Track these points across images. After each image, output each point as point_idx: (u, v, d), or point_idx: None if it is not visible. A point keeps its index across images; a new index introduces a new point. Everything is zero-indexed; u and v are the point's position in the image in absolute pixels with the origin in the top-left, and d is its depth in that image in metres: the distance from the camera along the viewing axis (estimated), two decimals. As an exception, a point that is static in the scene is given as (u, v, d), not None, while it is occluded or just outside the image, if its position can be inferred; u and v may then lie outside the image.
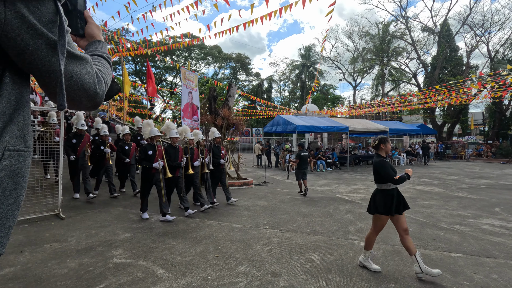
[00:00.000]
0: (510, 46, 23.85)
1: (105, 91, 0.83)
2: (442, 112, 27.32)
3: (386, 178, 3.37)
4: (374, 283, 3.09)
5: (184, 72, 9.78)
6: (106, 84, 0.85)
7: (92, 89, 0.76)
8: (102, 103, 0.88)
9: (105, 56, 0.92)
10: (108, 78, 0.87)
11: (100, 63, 0.88)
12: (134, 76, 35.03)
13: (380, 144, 3.59)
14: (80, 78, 0.72)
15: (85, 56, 0.76)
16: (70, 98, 0.73)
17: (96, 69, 0.81)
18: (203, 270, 3.37)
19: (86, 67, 0.75)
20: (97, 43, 0.94)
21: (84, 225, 5.03)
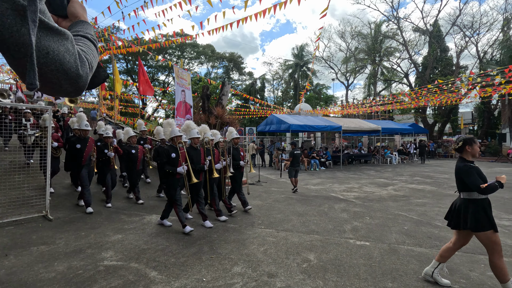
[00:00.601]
0: (498, 47, 24.35)
1: (89, 75, 0.73)
2: (433, 111, 27.73)
3: (471, 187, 2.88)
4: (371, 283, 3.05)
5: (177, 70, 9.63)
6: (91, 67, 0.75)
7: (73, 70, 0.66)
8: (85, 89, 0.77)
9: (90, 37, 0.82)
10: (94, 61, 0.77)
11: (84, 44, 0.78)
12: (126, 75, 34.51)
13: (465, 146, 3.02)
14: (58, 56, 0.62)
15: (65, 31, 0.66)
16: (47, 81, 0.63)
17: (79, 49, 0.71)
18: (198, 272, 3.28)
19: (66, 44, 0.65)
20: (81, 24, 0.84)
21: (73, 226, 4.86)
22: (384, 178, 11.14)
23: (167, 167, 4.58)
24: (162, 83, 37.86)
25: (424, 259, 3.66)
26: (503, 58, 21.44)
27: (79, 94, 0.77)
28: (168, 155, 4.63)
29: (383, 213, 5.90)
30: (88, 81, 0.74)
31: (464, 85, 14.31)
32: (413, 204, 6.76)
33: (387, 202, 6.99)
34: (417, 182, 10.18)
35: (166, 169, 4.56)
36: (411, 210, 6.14)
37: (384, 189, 8.80)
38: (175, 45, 33.29)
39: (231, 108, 24.77)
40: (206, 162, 5.18)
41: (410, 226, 5.05)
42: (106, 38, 11.55)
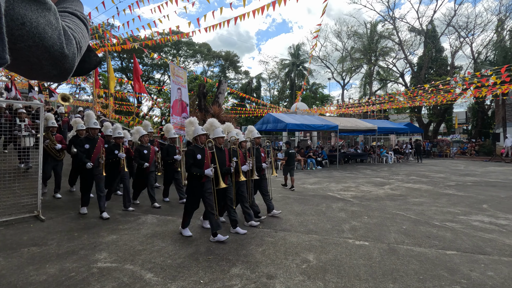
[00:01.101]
0: (492, 48, 24.60)
1: (77, 56, 0.62)
2: (428, 111, 27.94)
3: None
4: (372, 284, 3.00)
5: (173, 68, 9.50)
6: (79, 47, 0.64)
7: (57, 48, 0.55)
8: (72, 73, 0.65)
9: (79, 15, 0.71)
10: (83, 41, 0.66)
11: (72, 21, 0.67)
12: (120, 73, 34.11)
13: None
14: (37, 29, 0.52)
15: (47, 1, 0.55)
16: (24, 59, 0.52)
17: (65, 25, 0.61)
18: (195, 273, 3.20)
19: (48, 16, 0.54)
20: (70, 0, 0.73)
21: (66, 227, 4.74)
22: (381, 177, 11.16)
23: (194, 169, 4.13)
24: (158, 81, 37.54)
25: (423, 259, 3.62)
26: (497, 59, 21.66)
27: (65, 78, 0.64)
28: (193, 156, 4.16)
29: (381, 213, 5.87)
30: (75, 64, 0.63)
31: (460, 84, 14.40)
32: (410, 203, 6.75)
33: (384, 201, 6.97)
34: (413, 181, 10.20)
35: (193, 171, 4.12)
36: (409, 209, 6.12)
37: (381, 188, 8.79)
38: (171, 43, 33.00)
39: (227, 107, 24.64)
40: (232, 163, 4.67)
41: (408, 225, 5.02)
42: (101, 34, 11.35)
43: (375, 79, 34.37)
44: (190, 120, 4.68)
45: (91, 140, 5.45)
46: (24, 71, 0.57)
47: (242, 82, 41.08)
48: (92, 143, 5.42)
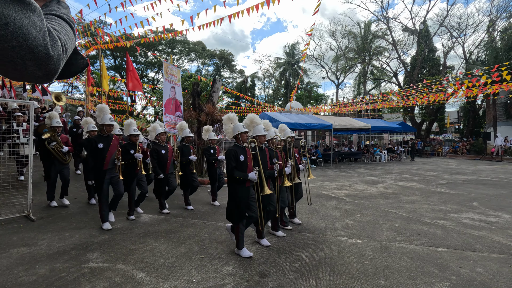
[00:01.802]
0: (483, 48, 24.97)
1: (62, 57, 0.63)
2: (420, 110, 28.27)
3: None
4: (364, 281, 3.03)
5: (167, 66, 9.43)
6: (65, 49, 0.64)
7: (41, 49, 0.56)
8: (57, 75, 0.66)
9: (66, 17, 0.71)
10: (69, 43, 0.67)
11: (58, 23, 0.67)
12: (114, 71, 33.74)
13: None
14: (21, 29, 0.52)
15: (31, 1, 0.56)
16: (7, 60, 0.52)
17: (50, 27, 0.61)
18: (188, 272, 3.19)
19: (32, 17, 0.55)
20: (56, 3, 0.74)
21: (57, 227, 4.68)
22: (374, 176, 11.26)
23: (237, 173, 3.56)
24: (152, 80, 37.24)
25: (415, 256, 3.67)
26: (488, 59, 21.99)
27: (50, 79, 0.65)
28: (236, 157, 3.61)
29: (373, 211, 5.92)
30: (60, 65, 0.63)
31: (452, 84, 14.60)
32: (403, 201, 6.82)
33: (377, 199, 7.04)
34: (406, 179, 10.31)
35: (236, 175, 3.55)
36: (401, 208, 6.19)
37: (374, 186, 8.88)
38: (165, 41, 32.74)
39: (222, 105, 24.58)
40: (276, 166, 4.07)
41: (400, 223, 5.08)
42: (93, 32, 11.20)
43: (369, 79, 34.62)
44: (229, 116, 4.03)
45: (104, 139, 4.67)
46: (8, 72, 0.57)
47: (237, 81, 41.00)
48: (106, 142, 4.64)
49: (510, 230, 4.70)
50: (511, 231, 4.62)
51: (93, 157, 4.60)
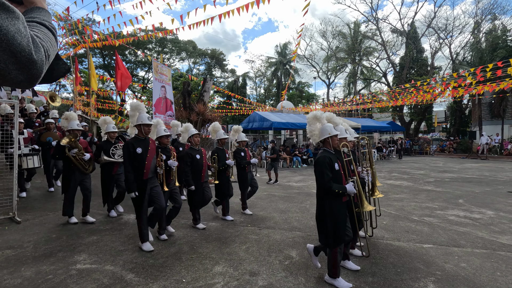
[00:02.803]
0: (469, 49, 25.62)
1: (45, 63, 0.65)
2: (409, 110, 28.81)
3: None
4: (352, 278, 3.08)
5: (156, 65, 9.34)
6: (48, 55, 0.66)
7: (25, 54, 0.58)
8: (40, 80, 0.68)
9: (47, 24, 0.73)
10: (51, 50, 0.69)
11: (41, 30, 0.70)
12: (103, 70, 33.17)
13: None
14: (6, 36, 0.55)
15: (15, 9, 0.59)
16: None
17: (33, 34, 0.64)
18: (177, 273, 3.18)
19: (17, 25, 0.58)
20: (37, 10, 0.76)
21: (43, 228, 4.59)
22: (364, 175, 11.40)
23: (335, 186, 2.89)
24: (142, 79, 36.78)
25: (402, 252, 3.75)
26: (474, 60, 22.57)
27: (32, 84, 0.66)
28: (331, 166, 2.95)
29: (363, 209, 6.01)
30: (43, 70, 0.65)
31: (438, 85, 14.93)
32: (391, 199, 6.95)
33: (366, 198, 7.14)
34: (395, 178, 10.50)
35: (334, 188, 2.87)
36: (390, 205, 6.31)
37: (364, 185, 9.00)
38: (155, 40, 32.37)
39: (213, 105, 24.47)
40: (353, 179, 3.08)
41: (388, 220, 5.18)
42: (81, 30, 11.01)
43: (359, 79, 35.06)
44: (316, 114, 3.16)
45: (142, 142, 3.84)
46: None
47: (229, 81, 40.89)
48: (144, 146, 3.81)
49: (493, 226, 4.85)
50: (494, 227, 4.78)
51: (131, 164, 3.71)
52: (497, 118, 21.19)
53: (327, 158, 2.95)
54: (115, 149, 5.22)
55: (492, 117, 22.25)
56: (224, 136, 5.40)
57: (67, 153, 4.57)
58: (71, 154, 4.60)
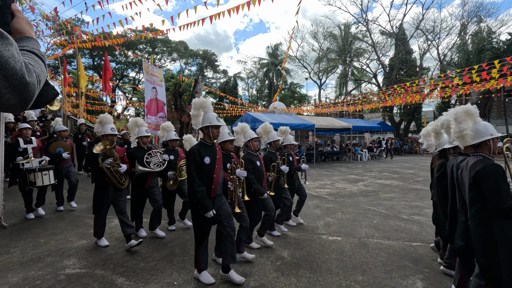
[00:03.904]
0: (456, 51, 26.23)
1: (36, 87, 0.67)
2: (399, 110, 29.29)
3: None
4: (343, 277, 3.12)
5: (147, 67, 9.25)
6: (39, 81, 0.69)
7: (18, 77, 0.61)
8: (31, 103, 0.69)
9: (37, 52, 0.77)
10: (41, 75, 0.72)
11: (31, 58, 0.73)
12: (92, 71, 32.68)
13: None
14: (0, 61, 0.58)
15: (9, 36, 0.63)
16: None
17: (26, 61, 0.67)
18: (169, 275, 3.16)
19: (11, 50, 0.61)
20: (26, 39, 0.80)
21: (31, 233, 4.49)
22: (355, 174, 11.55)
23: None
24: (133, 79, 36.37)
25: (391, 251, 3.82)
26: (461, 61, 23.11)
27: (24, 107, 0.68)
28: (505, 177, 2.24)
29: (354, 208, 6.09)
30: (35, 94, 0.68)
31: (427, 85, 15.24)
32: (382, 198, 7.06)
33: (357, 197, 7.24)
34: (385, 177, 10.66)
35: None
36: (380, 205, 6.40)
37: (355, 185, 9.12)
38: (146, 41, 32.07)
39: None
40: None
41: (379, 220, 5.26)
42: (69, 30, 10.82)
43: (350, 79, 35.46)
44: (474, 111, 2.50)
45: (210, 149, 3.26)
46: None
47: (221, 81, 40.81)
48: (212, 155, 3.19)
49: (479, 223, 4.97)
50: (480, 225, 4.90)
51: (199, 176, 2.94)
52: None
53: (500, 168, 2.23)
54: (150, 157, 4.31)
55: (478, 116, 22.75)
56: (278, 138, 4.77)
57: (100, 164, 3.75)
58: (104, 164, 3.77)
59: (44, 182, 4.77)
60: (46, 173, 4.79)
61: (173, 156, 4.68)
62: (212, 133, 3.11)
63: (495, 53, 18.72)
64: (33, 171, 4.69)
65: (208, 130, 3.11)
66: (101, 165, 3.76)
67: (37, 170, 4.69)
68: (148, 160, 4.28)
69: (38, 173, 4.71)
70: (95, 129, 4.32)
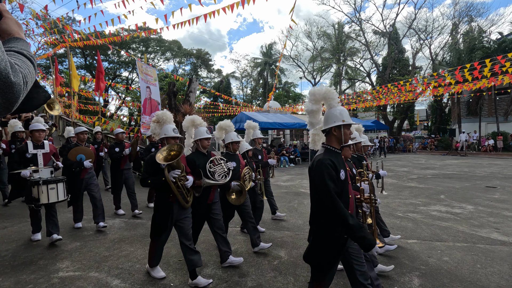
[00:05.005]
0: (448, 50, 26.58)
1: (22, 88, 0.65)
2: (392, 109, 29.58)
3: None
4: (340, 275, 3.12)
5: (141, 66, 9.16)
6: (25, 82, 0.67)
7: (2, 76, 0.58)
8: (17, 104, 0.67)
9: (26, 53, 0.75)
10: (29, 76, 0.69)
11: (19, 58, 0.71)
12: (84, 71, 32.22)
13: None
14: None
15: None
16: None
17: (12, 61, 0.65)
18: (165, 277, 3.12)
19: None
20: (15, 40, 0.78)
21: (23, 235, 4.40)
22: (350, 173, 11.61)
23: None
24: (126, 79, 35.98)
25: (387, 248, 3.83)
26: (452, 60, 23.42)
27: (9, 110, 0.65)
28: None
29: (349, 207, 6.11)
30: (20, 95, 0.65)
31: (420, 84, 15.40)
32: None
33: (353, 195, 7.26)
34: (380, 175, 10.74)
35: None
36: (375, 203, 6.44)
37: (350, 183, 9.15)
38: (139, 40, 31.74)
39: (199, 106, 24.25)
40: None
41: (374, 218, 5.28)
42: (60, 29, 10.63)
43: (344, 78, 35.66)
44: None
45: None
46: None
47: (215, 81, 40.65)
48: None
49: (473, 220, 5.04)
50: (474, 221, 4.97)
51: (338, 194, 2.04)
52: (474, 116, 22.08)
53: None
54: (213, 165, 3.38)
55: (470, 115, 23.16)
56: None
57: (166, 177, 2.84)
58: (171, 177, 2.86)
59: (51, 199, 3.65)
60: (53, 187, 3.66)
61: (234, 162, 3.71)
62: (344, 135, 2.14)
63: (485, 52, 19.01)
64: (36, 184, 3.57)
65: (340, 131, 2.12)
66: (167, 179, 2.84)
67: (41, 183, 3.57)
68: (212, 169, 3.34)
69: (43, 187, 3.58)
70: (151, 131, 3.37)
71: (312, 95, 2.29)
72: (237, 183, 3.66)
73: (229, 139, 3.85)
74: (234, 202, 3.66)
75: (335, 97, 2.21)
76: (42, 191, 3.61)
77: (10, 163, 4.25)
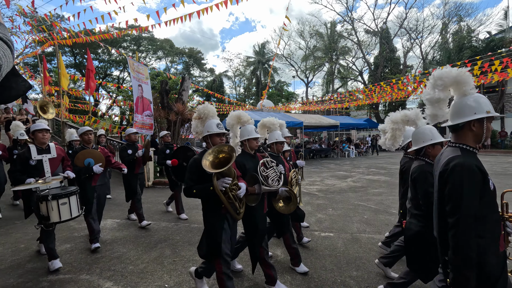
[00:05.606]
0: (438, 49, 27.00)
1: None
2: (384, 107, 29.89)
3: None
4: (337, 273, 3.10)
5: (132, 64, 8.99)
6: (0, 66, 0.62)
7: None
8: None
9: (2, 36, 0.69)
10: (4, 59, 0.64)
11: None
12: (74, 69, 31.61)
13: None
14: None
15: None
16: None
17: None
18: (159, 278, 3.05)
19: None
20: None
21: (10, 238, 4.25)
22: (344, 171, 11.67)
23: None
24: (117, 78, 35.45)
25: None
26: (442, 59, 23.79)
27: None
28: None
29: (344, 204, 6.12)
30: None
31: (412, 82, 15.59)
32: (371, 194, 7.13)
33: (347, 193, 7.29)
34: (373, 173, 10.82)
35: None
36: (369, 200, 6.47)
37: (344, 181, 9.20)
38: (130, 38, 31.29)
39: (192, 105, 24.08)
40: None
41: (369, 215, 5.30)
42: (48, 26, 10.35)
43: (336, 77, 35.89)
44: None
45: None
46: None
47: (207, 80, 40.40)
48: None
49: (466, 215, 5.09)
50: (467, 217, 5.01)
51: None
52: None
53: None
54: (265, 169, 2.91)
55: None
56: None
57: (215, 186, 2.27)
58: (220, 187, 2.31)
59: (63, 217, 3.00)
60: (65, 202, 3.01)
61: (281, 165, 3.14)
62: (487, 131, 1.65)
63: (474, 51, 19.35)
64: (44, 200, 2.94)
65: (481, 125, 1.63)
66: (216, 189, 2.27)
67: (50, 198, 2.93)
68: (265, 173, 2.86)
69: (52, 203, 2.94)
70: (193, 129, 2.88)
71: (439, 79, 1.76)
72: (285, 189, 3.11)
73: (273, 139, 3.39)
74: (283, 210, 3.11)
75: (470, 81, 1.69)
76: (52, 207, 2.95)
77: (12, 172, 3.63)
